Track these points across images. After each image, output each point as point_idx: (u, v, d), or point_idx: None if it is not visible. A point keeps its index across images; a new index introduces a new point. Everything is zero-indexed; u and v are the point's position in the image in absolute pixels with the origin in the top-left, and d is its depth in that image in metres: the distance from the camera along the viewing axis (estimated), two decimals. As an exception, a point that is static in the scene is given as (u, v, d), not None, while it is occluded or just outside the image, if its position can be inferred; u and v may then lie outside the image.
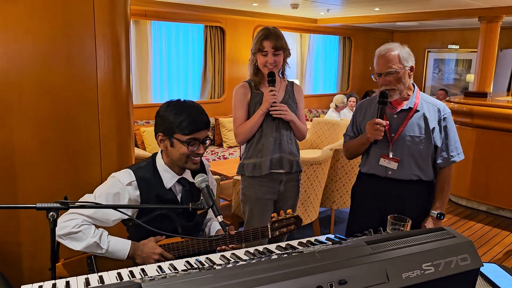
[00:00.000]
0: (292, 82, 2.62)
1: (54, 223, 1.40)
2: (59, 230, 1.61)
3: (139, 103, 6.25)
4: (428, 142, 2.22)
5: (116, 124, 2.40)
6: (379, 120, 2.16)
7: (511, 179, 4.61)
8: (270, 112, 2.42)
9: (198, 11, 6.36)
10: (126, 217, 1.74)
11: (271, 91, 2.39)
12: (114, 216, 1.72)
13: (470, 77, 8.92)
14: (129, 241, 1.73)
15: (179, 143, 1.74)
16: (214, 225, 2.02)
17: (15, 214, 2.24)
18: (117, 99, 2.40)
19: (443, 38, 9.52)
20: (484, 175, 4.82)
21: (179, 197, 1.86)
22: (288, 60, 2.56)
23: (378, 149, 2.29)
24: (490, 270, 1.59)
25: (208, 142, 1.81)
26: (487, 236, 4.25)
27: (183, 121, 1.72)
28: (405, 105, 2.24)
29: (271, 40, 2.38)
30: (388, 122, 2.22)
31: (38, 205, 1.38)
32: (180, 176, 1.85)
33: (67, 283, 1.29)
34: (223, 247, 1.77)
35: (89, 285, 1.30)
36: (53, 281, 1.28)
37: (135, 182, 1.76)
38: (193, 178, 1.87)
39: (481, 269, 1.48)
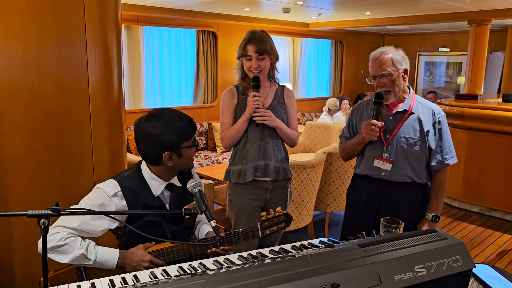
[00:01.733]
0: (283, 86, 2.56)
1: (45, 230, 1.38)
2: None
3: (132, 109, 6.22)
4: (422, 145, 2.23)
5: (108, 130, 2.39)
6: (374, 121, 2.18)
7: (503, 180, 4.64)
8: (253, 118, 2.36)
9: (190, 16, 6.37)
10: (114, 226, 1.73)
11: (254, 96, 2.34)
12: (101, 226, 1.70)
13: (461, 80, 9.00)
14: (117, 250, 1.71)
15: (187, 150, 1.77)
16: (203, 228, 2.00)
17: (7, 222, 2.22)
18: (109, 105, 2.39)
19: (433, 41, 9.61)
20: (476, 177, 4.85)
21: (167, 203, 1.85)
22: (280, 64, 2.50)
23: (373, 150, 2.30)
24: (482, 271, 1.60)
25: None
26: (480, 237, 4.28)
27: (185, 127, 1.75)
28: (400, 107, 2.26)
29: (253, 44, 2.33)
30: (383, 123, 2.24)
31: (29, 212, 1.37)
32: (168, 182, 1.84)
33: (59, 291, 1.28)
34: (214, 249, 1.76)
35: (81, 292, 1.29)
36: (44, 289, 1.27)
37: (121, 192, 1.74)
38: (179, 181, 1.87)
39: (474, 270, 1.49)
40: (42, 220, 1.37)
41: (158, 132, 1.72)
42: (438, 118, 2.24)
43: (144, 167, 1.83)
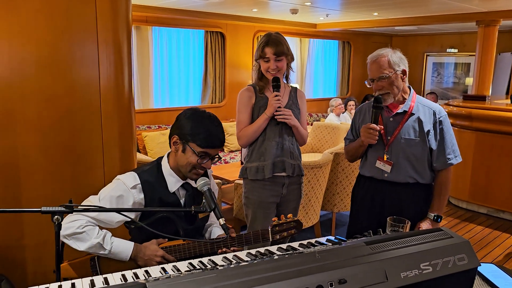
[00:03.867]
0: (296, 88, 2.66)
1: (58, 227, 1.43)
2: (64, 231, 1.64)
3: (141, 108, 6.28)
4: (423, 145, 2.23)
5: (118, 129, 2.43)
6: (373, 125, 2.20)
7: (511, 182, 4.63)
8: (275, 117, 2.45)
9: (198, 16, 6.41)
10: (129, 219, 1.78)
11: (276, 95, 2.43)
12: (118, 218, 1.75)
13: (469, 81, 8.96)
14: (132, 243, 1.76)
15: (191, 152, 1.78)
16: (214, 231, 2.04)
17: (19, 219, 2.27)
18: (120, 105, 2.43)
19: (441, 42, 9.57)
20: (483, 178, 4.84)
21: (182, 201, 1.89)
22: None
23: (375, 152, 2.32)
24: (488, 270, 1.61)
25: (216, 158, 1.86)
26: (487, 239, 4.27)
27: (200, 134, 1.76)
28: (400, 109, 2.26)
29: (271, 46, 2.43)
30: (382, 126, 2.25)
31: (43, 208, 1.41)
32: (184, 181, 1.88)
33: (73, 284, 1.31)
34: (224, 249, 1.80)
35: (94, 286, 1.32)
36: (58, 283, 1.31)
37: (140, 185, 1.78)
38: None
39: (479, 269, 1.51)
40: (56, 216, 1.42)
41: (182, 117, 1.81)
42: (439, 118, 2.24)
43: (164, 163, 1.87)
